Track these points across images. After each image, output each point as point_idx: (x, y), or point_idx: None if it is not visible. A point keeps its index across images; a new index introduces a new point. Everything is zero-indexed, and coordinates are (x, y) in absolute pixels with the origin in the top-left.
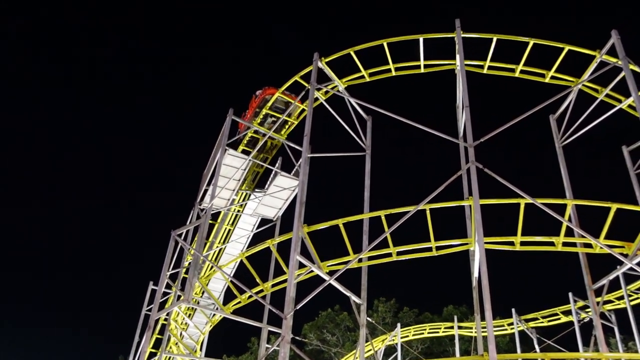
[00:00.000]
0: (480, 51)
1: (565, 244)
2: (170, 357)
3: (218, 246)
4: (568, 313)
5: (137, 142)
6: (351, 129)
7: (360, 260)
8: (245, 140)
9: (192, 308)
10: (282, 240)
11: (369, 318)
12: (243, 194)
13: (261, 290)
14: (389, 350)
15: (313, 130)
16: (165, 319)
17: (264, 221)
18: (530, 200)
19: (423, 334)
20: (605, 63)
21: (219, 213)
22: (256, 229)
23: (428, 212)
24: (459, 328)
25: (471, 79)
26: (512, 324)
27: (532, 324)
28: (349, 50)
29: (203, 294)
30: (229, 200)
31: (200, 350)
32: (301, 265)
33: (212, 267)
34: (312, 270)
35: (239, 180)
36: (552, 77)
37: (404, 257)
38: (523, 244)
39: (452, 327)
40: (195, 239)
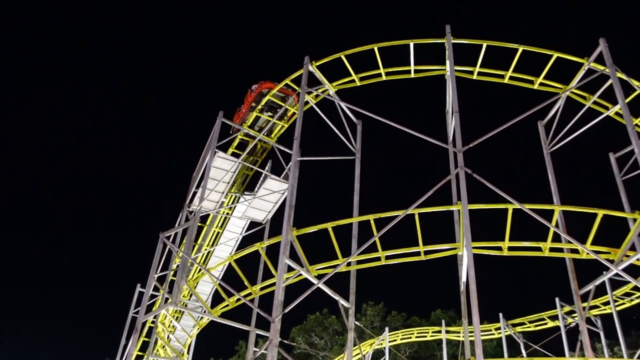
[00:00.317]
0: (471, 57)
1: (552, 250)
2: None
3: (207, 249)
4: (555, 318)
5: (127, 143)
6: (341, 132)
7: (349, 264)
8: (235, 143)
9: (180, 311)
10: (271, 244)
11: (357, 322)
12: (232, 196)
13: (249, 294)
14: (377, 354)
15: (303, 133)
16: (153, 322)
17: (253, 224)
18: (517, 206)
19: (411, 338)
20: (593, 70)
21: (208, 215)
22: (245, 232)
23: (417, 217)
24: (447, 332)
25: (462, 85)
26: (500, 328)
27: (519, 329)
28: (340, 55)
29: (191, 296)
30: (218, 202)
31: (188, 353)
32: (290, 269)
33: (201, 270)
34: (301, 274)
35: (229, 182)
36: (541, 84)
37: (393, 262)
38: (511, 249)
39: (440, 332)
40: (184, 242)
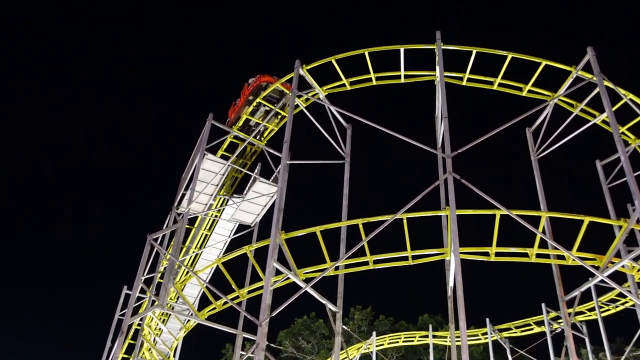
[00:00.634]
0: (460, 63)
1: (538, 256)
2: None
3: (194, 251)
4: (541, 323)
5: (116, 143)
6: (331, 136)
7: (337, 268)
8: (225, 145)
9: (167, 313)
10: (260, 247)
11: (344, 326)
12: (221, 199)
13: (237, 297)
14: (365, 358)
15: (293, 137)
16: (139, 324)
17: (241, 227)
18: (505, 212)
19: (398, 342)
20: (581, 79)
21: (196, 218)
22: (233, 235)
23: (405, 222)
24: (434, 337)
25: (452, 90)
26: (486, 333)
27: (506, 334)
28: (331, 59)
29: (178, 299)
30: (206, 205)
31: (174, 356)
32: (278, 272)
33: (188, 273)
34: (289, 277)
35: (217, 185)
36: (530, 91)
37: (381, 266)
38: (498, 254)
39: (427, 336)
40: (172, 244)
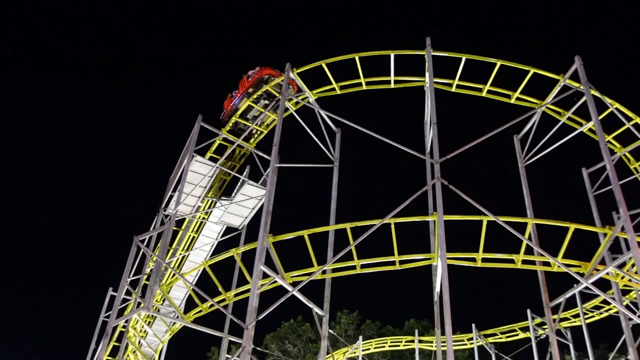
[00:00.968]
0: (451, 69)
1: (524, 262)
2: None
3: (181, 253)
4: (526, 329)
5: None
6: (320, 140)
7: (324, 272)
8: (214, 147)
9: (152, 316)
10: (247, 250)
11: (331, 330)
12: (209, 201)
13: (223, 300)
14: None
15: (282, 140)
16: (124, 326)
17: (229, 229)
18: (492, 218)
19: (384, 347)
20: (568, 87)
21: (183, 219)
22: (221, 237)
23: (393, 226)
24: (420, 342)
25: (441, 96)
26: (472, 338)
27: (491, 340)
28: (321, 63)
29: (164, 301)
30: (194, 207)
31: (159, 359)
32: (265, 275)
33: (174, 275)
34: (276, 281)
35: (206, 187)
36: (518, 98)
37: (368, 270)
38: (484, 260)
39: (413, 341)
40: (158, 245)
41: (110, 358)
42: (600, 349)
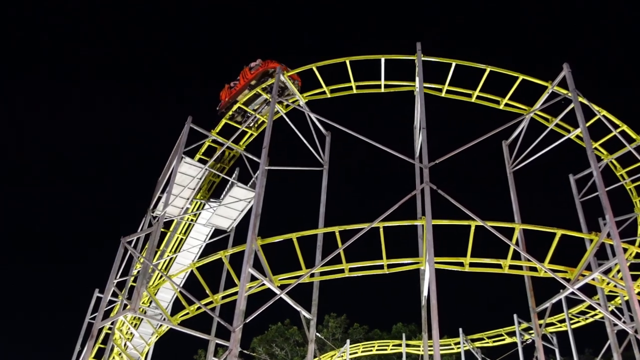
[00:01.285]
0: (441, 75)
1: (512, 267)
2: None
3: (169, 255)
4: (512, 334)
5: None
6: (310, 143)
7: (312, 275)
8: (204, 149)
9: (139, 318)
10: (235, 252)
11: (318, 333)
12: (197, 203)
13: (211, 302)
14: None
15: (272, 143)
16: (110, 328)
17: (217, 232)
18: (480, 223)
19: (372, 350)
20: (556, 94)
21: (171, 221)
22: (209, 240)
23: (381, 230)
24: (407, 346)
25: (431, 101)
26: (459, 343)
27: (478, 344)
28: (312, 66)
29: (151, 303)
30: (182, 208)
31: None
32: (253, 278)
33: (162, 277)
34: (264, 284)
35: (194, 189)
36: (506, 104)
37: (356, 274)
38: (472, 265)
39: (400, 345)
40: (146, 247)
41: None
42: (586, 354)
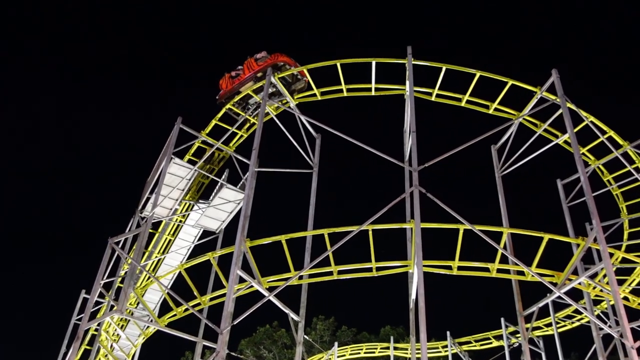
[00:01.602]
0: (431, 79)
1: (499, 271)
2: None
3: (157, 256)
4: (499, 338)
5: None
6: (300, 145)
7: (301, 278)
8: (193, 150)
9: (125, 319)
10: (224, 254)
11: (306, 336)
12: (186, 204)
13: (198, 304)
14: None
15: (262, 144)
16: (96, 330)
17: (206, 233)
18: (468, 226)
19: (360, 353)
20: (545, 99)
21: (160, 222)
22: (197, 241)
23: (370, 233)
24: (395, 349)
25: (421, 105)
26: (447, 346)
27: (466, 347)
28: (302, 68)
29: (138, 304)
30: (171, 209)
31: None
32: (241, 280)
33: (149, 278)
34: (252, 285)
35: (183, 190)
36: (496, 109)
37: (345, 277)
38: (460, 268)
39: (388, 348)
40: (134, 248)
41: None
42: (572, 357)
